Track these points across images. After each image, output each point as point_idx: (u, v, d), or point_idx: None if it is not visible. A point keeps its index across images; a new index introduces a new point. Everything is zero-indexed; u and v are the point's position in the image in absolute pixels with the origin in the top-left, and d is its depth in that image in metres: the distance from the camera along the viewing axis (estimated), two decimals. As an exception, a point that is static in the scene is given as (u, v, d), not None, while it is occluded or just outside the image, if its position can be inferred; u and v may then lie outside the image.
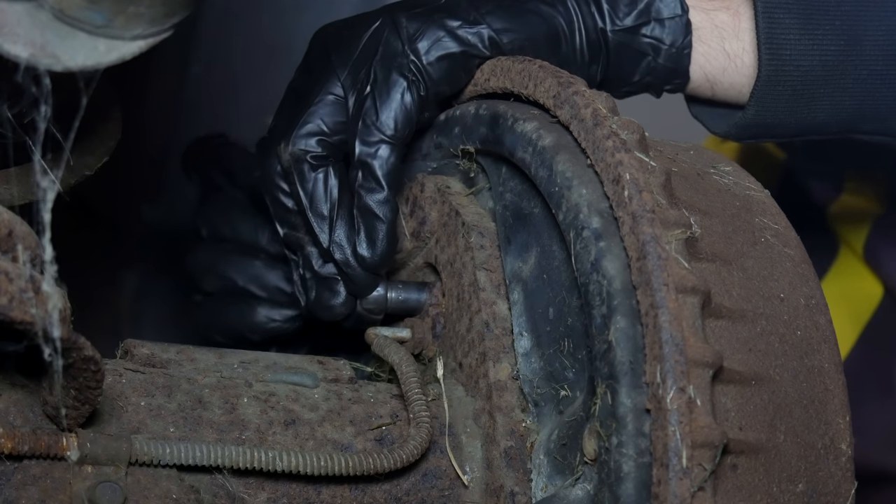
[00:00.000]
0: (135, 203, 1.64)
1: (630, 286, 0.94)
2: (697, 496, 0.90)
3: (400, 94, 1.13)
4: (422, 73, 1.13)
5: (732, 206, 1.06)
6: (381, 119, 1.12)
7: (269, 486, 1.02)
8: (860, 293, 1.67)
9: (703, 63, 1.21)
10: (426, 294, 1.18)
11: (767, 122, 1.22)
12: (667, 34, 1.19)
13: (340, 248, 1.14)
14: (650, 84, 1.22)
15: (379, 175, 1.12)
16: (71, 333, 0.85)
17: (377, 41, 1.14)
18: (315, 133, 1.14)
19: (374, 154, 1.12)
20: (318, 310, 1.17)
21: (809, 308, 1.03)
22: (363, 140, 1.12)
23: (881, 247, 1.64)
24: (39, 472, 0.94)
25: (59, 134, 0.87)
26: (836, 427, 1.00)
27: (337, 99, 1.15)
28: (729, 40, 1.21)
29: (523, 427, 1.06)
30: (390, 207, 1.13)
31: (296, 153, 1.14)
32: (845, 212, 1.67)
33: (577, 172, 1.00)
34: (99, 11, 0.84)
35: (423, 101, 1.13)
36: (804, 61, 1.19)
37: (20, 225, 0.89)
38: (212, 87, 1.69)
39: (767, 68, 1.19)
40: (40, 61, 0.84)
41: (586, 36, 1.17)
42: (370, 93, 1.13)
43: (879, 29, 1.20)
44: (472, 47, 1.13)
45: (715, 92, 1.23)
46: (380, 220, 1.13)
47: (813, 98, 1.21)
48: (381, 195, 1.13)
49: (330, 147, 1.14)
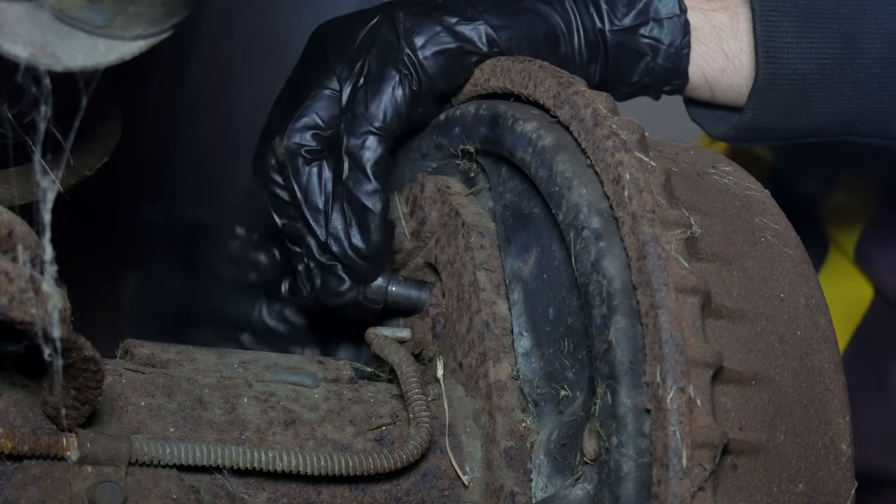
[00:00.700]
0: (135, 203, 1.64)
1: (630, 286, 0.94)
2: (697, 496, 0.90)
3: (391, 86, 1.13)
4: (416, 67, 1.13)
5: (732, 206, 1.06)
6: (369, 110, 1.13)
7: (269, 486, 1.01)
8: (851, 295, 1.66)
9: (702, 64, 1.21)
10: (427, 293, 1.18)
11: (765, 126, 1.22)
12: (665, 34, 1.19)
13: (337, 241, 1.15)
14: (649, 85, 1.22)
15: (366, 166, 1.13)
16: (71, 333, 0.85)
17: (374, 36, 1.14)
18: (310, 127, 1.15)
19: (361, 145, 1.13)
20: (325, 296, 1.18)
21: (809, 308, 1.03)
22: (351, 131, 1.13)
23: (873, 248, 1.63)
24: (39, 472, 0.94)
25: (60, 134, 0.87)
26: (837, 427, 1.00)
27: (332, 93, 1.15)
28: (727, 41, 1.21)
29: (523, 427, 1.06)
30: (379, 198, 1.13)
31: (290, 147, 1.15)
32: (836, 213, 1.67)
33: (577, 172, 1.00)
34: (99, 11, 0.84)
35: (415, 95, 1.13)
36: (801, 64, 1.19)
37: (20, 225, 0.89)
38: (212, 87, 1.68)
39: (765, 71, 1.19)
40: (40, 61, 0.84)
41: (584, 36, 1.17)
42: (363, 85, 1.13)
43: (877, 32, 1.20)
44: (468, 43, 1.14)
45: (714, 93, 1.23)
46: (370, 211, 1.13)
47: (811, 101, 1.21)
48: (369, 186, 1.13)
49: (324, 140, 1.15)
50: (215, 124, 1.58)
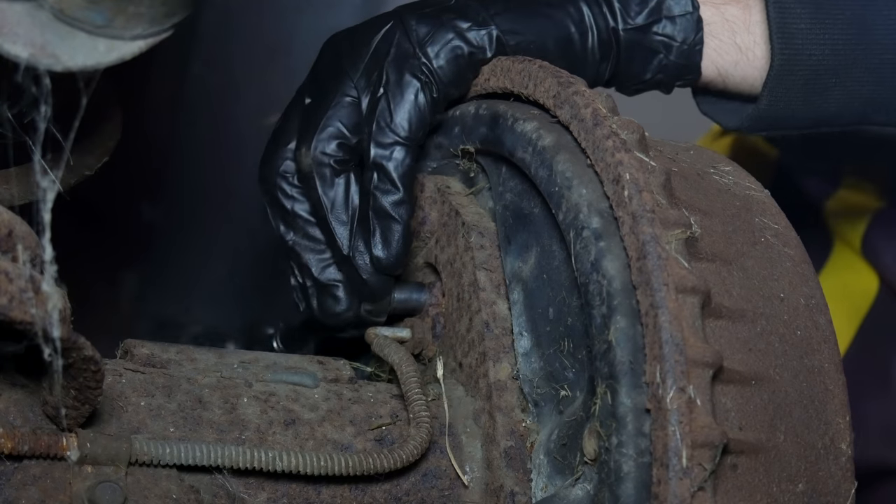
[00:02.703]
0: (135, 203, 1.64)
1: (630, 286, 0.94)
2: (697, 496, 0.90)
3: (413, 95, 1.12)
4: (433, 74, 1.12)
5: (732, 206, 1.06)
6: (395, 121, 1.12)
7: (269, 486, 1.01)
8: (857, 288, 1.67)
9: (715, 57, 1.21)
10: (426, 294, 1.18)
11: (780, 114, 1.22)
12: (678, 31, 1.19)
13: (361, 255, 1.13)
14: (661, 81, 1.22)
15: (394, 177, 1.12)
16: (71, 333, 0.85)
17: (388, 44, 1.14)
18: (336, 136, 1.14)
19: (388, 156, 1.12)
20: (323, 317, 1.17)
21: (809, 308, 1.03)
22: (378, 142, 1.12)
23: (879, 240, 1.64)
24: (39, 472, 0.94)
25: (59, 134, 0.87)
26: (836, 427, 1.00)
27: (353, 100, 1.14)
28: (740, 34, 1.21)
29: (523, 427, 1.06)
30: (406, 209, 1.12)
31: (318, 157, 1.13)
32: (842, 207, 1.68)
33: (576, 172, 1.00)
34: (99, 11, 0.84)
35: (435, 102, 1.13)
36: (816, 50, 1.19)
37: (20, 225, 0.89)
38: (212, 87, 1.69)
39: (780, 58, 1.19)
40: (40, 61, 0.84)
41: (598, 36, 1.17)
42: (384, 94, 1.12)
43: (890, 17, 1.21)
44: (479, 50, 1.13)
45: (727, 85, 1.23)
46: (395, 221, 1.12)
47: (825, 88, 1.21)
48: (397, 196, 1.12)
49: (350, 150, 1.14)
50: (215, 124, 1.58)
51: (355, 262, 1.13)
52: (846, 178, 1.67)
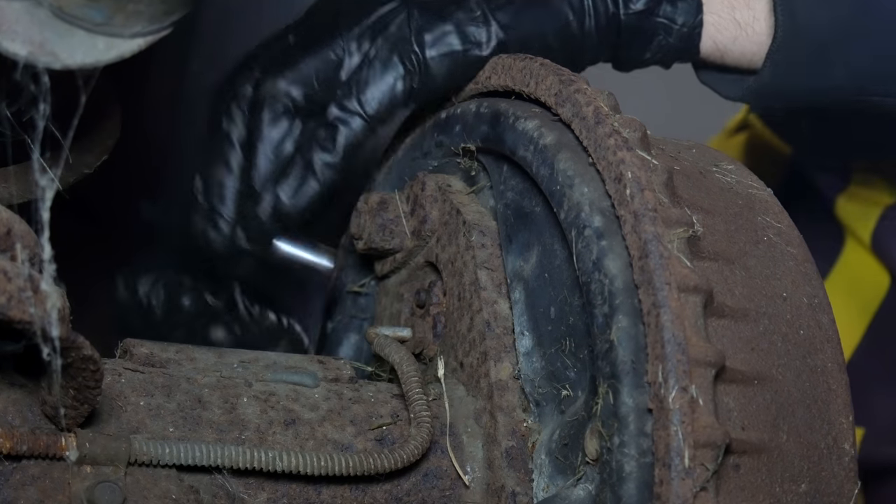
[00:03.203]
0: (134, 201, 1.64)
1: (632, 285, 0.94)
2: (700, 496, 0.90)
3: (393, 78, 1.13)
4: (421, 65, 1.13)
5: (735, 205, 1.05)
6: (366, 94, 1.12)
7: (269, 486, 1.01)
8: (868, 283, 1.68)
9: (714, 33, 1.21)
10: (326, 259, 1.16)
11: (782, 86, 1.22)
12: (679, 14, 1.19)
13: (269, 193, 1.13)
14: (660, 60, 1.22)
15: (340, 141, 1.12)
16: (70, 333, 0.85)
17: (388, 21, 1.14)
18: (305, 83, 1.14)
19: (345, 121, 1.12)
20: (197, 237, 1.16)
21: (812, 307, 1.02)
22: (341, 105, 1.12)
23: (890, 235, 1.65)
24: (38, 472, 0.94)
25: (58, 132, 0.87)
26: (840, 427, 1.00)
27: (336, 60, 1.14)
28: (739, 10, 1.21)
29: (525, 427, 1.06)
30: (333, 174, 1.12)
31: (278, 92, 1.14)
32: (853, 203, 1.68)
33: (578, 171, 1.00)
34: (98, 9, 0.84)
35: (412, 93, 1.13)
36: (818, 20, 1.19)
37: (19, 223, 0.88)
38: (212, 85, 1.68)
39: (783, 29, 1.19)
40: (39, 59, 0.84)
41: (597, 21, 1.17)
42: (366, 66, 1.12)
43: None
44: (476, 46, 1.13)
45: (725, 60, 1.23)
46: (316, 179, 1.12)
47: (827, 59, 1.21)
48: (332, 160, 1.12)
49: (309, 103, 1.14)
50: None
51: (261, 196, 1.13)
52: (857, 174, 1.68)
